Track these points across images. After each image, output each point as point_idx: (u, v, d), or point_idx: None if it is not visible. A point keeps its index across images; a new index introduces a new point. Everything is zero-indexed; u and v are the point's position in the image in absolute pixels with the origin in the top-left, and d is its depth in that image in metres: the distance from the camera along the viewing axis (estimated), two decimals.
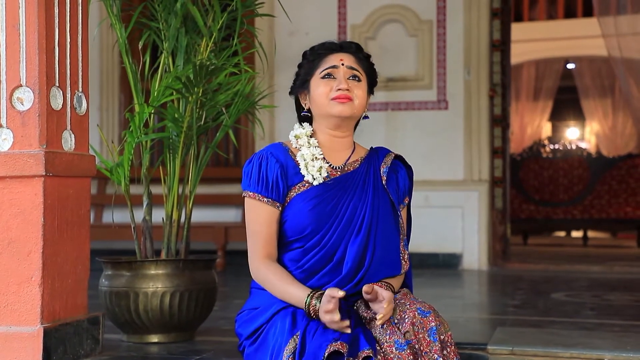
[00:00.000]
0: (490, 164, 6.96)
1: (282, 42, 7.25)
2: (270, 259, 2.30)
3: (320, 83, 2.32)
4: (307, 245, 2.29)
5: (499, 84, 7.03)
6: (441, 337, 2.16)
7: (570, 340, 3.26)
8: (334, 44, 2.38)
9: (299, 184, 2.31)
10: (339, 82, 2.30)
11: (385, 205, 2.34)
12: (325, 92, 2.31)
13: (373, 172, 2.38)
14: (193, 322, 3.26)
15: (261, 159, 2.32)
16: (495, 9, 7.03)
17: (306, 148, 2.33)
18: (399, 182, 2.42)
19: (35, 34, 2.69)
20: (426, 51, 7.02)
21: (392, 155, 2.44)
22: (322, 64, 2.33)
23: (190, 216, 3.40)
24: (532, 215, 10.74)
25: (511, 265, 7.12)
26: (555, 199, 10.78)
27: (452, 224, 6.90)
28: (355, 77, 2.33)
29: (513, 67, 14.72)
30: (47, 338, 2.63)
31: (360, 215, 2.29)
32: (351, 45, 2.39)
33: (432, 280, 6.04)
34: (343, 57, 2.34)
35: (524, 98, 15.03)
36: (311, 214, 2.27)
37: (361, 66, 2.36)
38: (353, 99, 2.30)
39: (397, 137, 7.02)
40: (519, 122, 15.08)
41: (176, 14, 3.34)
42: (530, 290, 5.43)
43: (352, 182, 2.34)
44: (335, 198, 2.30)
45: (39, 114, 2.68)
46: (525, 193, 10.86)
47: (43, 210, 2.66)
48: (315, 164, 2.31)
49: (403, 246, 2.36)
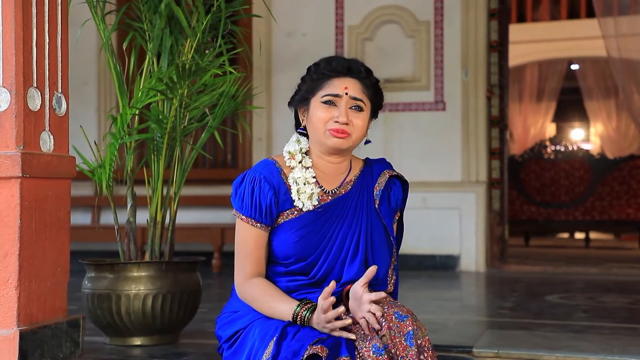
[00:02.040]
0: (487, 166, 6.92)
1: (280, 42, 7.25)
2: (257, 277, 2.25)
3: (320, 107, 2.21)
4: (292, 269, 2.26)
5: (497, 85, 6.99)
6: (418, 342, 2.12)
7: (557, 343, 3.23)
8: (342, 65, 2.23)
9: (288, 211, 2.24)
10: (340, 114, 2.18)
11: (378, 229, 2.28)
12: (324, 119, 2.20)
13: (366, 194, 2.29)
14: (176, 324, 3.24)
15: (254, 182, 2.23)
16: (492, 9, 6.99)
17: (299, 170, 2.25)
18: (391, 199, 2.33)
19: (12, 35, 2.66)
20: (423, 52, 6.99)
21: (386, 175, 2.34)
22: (325, 87, 2.21)
23: (174, 218, 3.38)
24: (533, 216, 10.70)
25: (509, 267, 7.08)
26: (557, 200, 10.73)
27: (449, 225, 6.86)
28: (357, 107, 2.21)
29: (516, 68, 14.70)
30: (23, 341, 2.60)
31: (352, 243, 2.23)
32: (360, 70, 2.24)
33: (429, 282, 6.01)
34: (349, 85, 2.20)
35: (527, 99, 14.97)
36: (296, 246, 2.22)
37: (367, 93, 2.23)
38: (351, 133, 2.20)
39: (394, 138, 6.99)
40: (522, 123, 15.02)
41: (160, 15, 3.32)
42: (525, 292, 5.39)
43: (342, 207, 2.26)
44: (324, 227, 2.23)
45: (16, 115, 2.65)
46: (526, 194, 10.81)
47: (20, 212, 2.64)
48: (306, 190, 2.23)
49: (392, 270, 2.32)
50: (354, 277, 2.21)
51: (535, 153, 11.11)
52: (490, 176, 6.99)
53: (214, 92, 3.35)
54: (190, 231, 6.67)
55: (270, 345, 2.10)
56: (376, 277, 2.24)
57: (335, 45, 7.15)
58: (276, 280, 2.28)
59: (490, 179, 6.99)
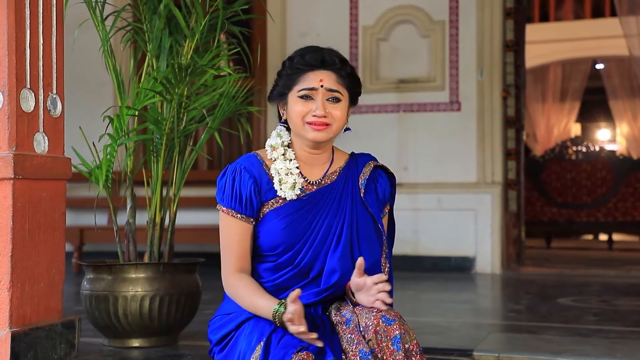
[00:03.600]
0: (503, 166, 6.84)
1: (294, 43, 7.21)
2: (241, 273, 2.23)
3: (298, 102, 2.20)
4: (280, 261, 2.23)
5: (513, 84, 6.91)
6: (406, 346, 2.08)
7: (560, 347, 3.18)
8: (315, 58, 2.22)
9: (272, 200, 2.23)
10: (317, 106, 2.18)
11: (364, 218, 2.26)
12: (302, 113, 2.19)
13: (351, 184, 2.28)
14: (174, 326, 3.23)
15: (234, 173, 2.24)
16: (508, 8, 6.91)
17: (280, 162, 2.24)
18: (378, 191, 2.32)
19: (4, 36, 2.66)
20: (438, 52, 6.93)
21: (371, 165, 2.33)
22: (300, 81, 2.20)
23: (174, 219, 3.37)
24: (554, 218, 10.57)
25: (525, 269, 7.00)
26: (578, 201, 10.59)
27: (464, 227, 6.79)
28: (334, 99, 2.20)
29: (539, 68, 14.56)
30: (15, 342, 2.60)
31: (336, 231, 2.22)
32: (334, 61, 2.23)
33: (442, 284, 5.95)
34: (324, 77, 2.19)
35: (550, 99, 14.82)
36: (284, 233, 2.20)
37: (343, 83, 2.22)
38: (331, 124, 2.19)
39: (408, 139, 6.93)
40: (545, 123, 14.88)
41: (160, 16, 3.31)
42: (538, 294, 5.32)
43: (328, 196, 2.26)
44: (310, 214, 2.22)
45: (8, 116, 2.65)
46: (547, 196, 10.68)
47: (12, 214, 2.64)
48: (289, 180, 2.22)
49: (385, 258, 2.29)
50: (335, 266, 2.19)
51: (557, 154, 10.97)
52: (506, 177, 6.91)
53: (214, 92, 3.34)
54: (193, 232, 6.64)
55: (257, 350, 2.08)
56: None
57: (350, 45, 7.11)
58: (264, 278, 2.25)
59: (506, 180, 6.90)
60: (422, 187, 6.90)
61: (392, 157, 6.91)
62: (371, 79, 7.05)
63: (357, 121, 7.09)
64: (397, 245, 7.54)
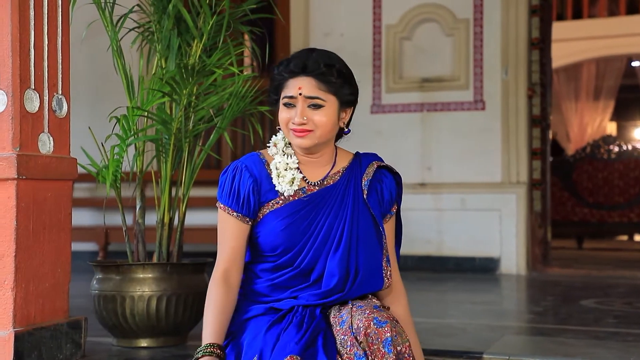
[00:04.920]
0: (528, 166, 6.74)
1: (317, 42, 7.19)
2: (224, 279, 2.19)
3: (283, 109, 2.19)
4: (280, 262, 2.21)
5: (538, 83, 6.81)
6: (398, 348, 2.04)
7: (573, 350, 3.12)
8: (297, 64, 2.18)
9: (273, 201, 2.21)
10: (296, 114, 2.16)
11: (366, 221, 2.23)
12: (285, 120, 2.19)
13: (354, 185, 2.25)
14: (182, 326, 3.22)
15: (235, 171, 2.22)
16: (534, 6, 6.82)
17: (279, 157, 2.23)
18: (384, 192, 2.28)
19: (8, 37, 2.68)
20: (462, 50, 6.85)
21: (374, 165, 2.29)
22: (284, 88, 2.19)
23: (183, 219, 3.37)
24: (585, 218, 10.41)
25: (551, 269, 6.89)
26: (610, 201, 10.42)
27: (489, 227, 6.71)
28: (315, 105, 2.16)
29: (572, 66, 14.38)
30: (19, 342, 2.62)
31: (337, 233, 2.19)
32: (317, 66, 2.16)
33: (463, 285, 5.88)
34: (302, 85, 2.16)
35: (583, 97, 14.62)
36: (283, 234, 2.18)
37: (327, 89, 2.16)
38: (312, 130, 2.17)
39: (432, 138, 6.87)
40: (579, 122, 14.69)
41: (169, 16, 3.31)
42: (561, 296, 5.23)
43: (329, 197, 2.23)
44: (310, 216, 2.20)
45: (12, 117, 2.67)
46: (578, 196, 10.53)
47: (16, 214, 2.65)
48: (287, 174, 2.21)
49: (385, 262, 2.26)
50: (334, 269, 2.17)
51: (588, 153, 10.80)
52: (531, 177, 6.81)
53: (224, 92, 3.33)
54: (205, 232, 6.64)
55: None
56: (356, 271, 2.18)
57: (373, 44, 7.07)
58: (262, 278, 2.23)
59: (531, 180, 6.80)
60: (446, 187, 6.83)
61: (416, 157, 6.86)
62: (394, 78, 7.00)
63: (380, 121, 7.08)
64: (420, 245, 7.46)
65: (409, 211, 6.83)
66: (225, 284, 2.17)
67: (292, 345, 2.04)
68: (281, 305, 2.20)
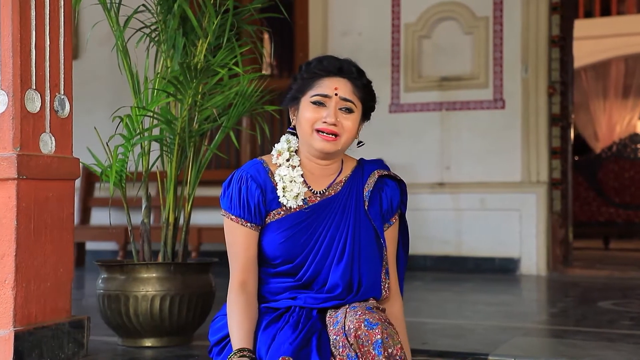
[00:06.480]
0: (549, 165, 6.66)
1: (335, 42, 7.18)
2: (242, 288, 2.17)
3: (309, 107, 2.14)
4: (279, 270, 2.21)
5: (559, 81, 6.71)
6: (388, 351, 2.02)
7: (581, 352, 3.06)
8: (333, 64, 2.17)
9: (275, 211, 2.19)
10: (328, 114, 2.12)
11: (368, 232, 2.21)
12: (312, 120, 2.13)
13: (355, 196, 2.22)
14: (186, 326, 3.22)
15: (241, 181, 2.20)
16: (554, 3, 6.72)
17: (285, 168, 2.19)
18: (383, 202, 2.25)
19: (9, 37, 2.69)
20: (482, 49, 6.79)
21: (375, 175, 2.25)
22: (315, 86, 2.15)
23: (188, 219, 3.36)
24: (611, 218, 10.25)
25: (572, 270, 6.79)
26: (638, 201, 10.25)
27: (509, 227, 6.64)
28: (347, 109, 2.14)
29: (600, 64, 14.18)
30: (19, 341, 2.63)
31: (339, 245, 2.17)
32: (352, 70, 2.17)
33: (483, 285, 5.82)
34: (339, 85, 2.14)
35: (612, 96, 14.40)
36: (283, 246, 2.17)
37: (357, 95, 2.16)
38: (340, 134, 2.13)
39: (451, 137, 6.82)
40: (607, 121, 14.46)
41: (174, 15, 3.31)
42: (579, 297, 5.16)
43: (331, 208, 2.20)
44: (312, 227, 2.18)
45: (13, 117, 2.68)
46: (604, 195, 10.37)
47: (16, 213, 2.67)
48: (293, 188, 2.18)
49: (384, 274, 2.23)
50: (338, 280, 2.15)
51: (614, 152, 10.64)
52: (551, 176, 6.72)
53: (229, 91, 3.32)
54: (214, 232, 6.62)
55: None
56: (359, 282, 2.17)
57: (392, 43, 7.03)
58: (267, 282, 2.23)
59: (551, 179, 6.71)
60: (465, 187, 6.77)
61: (435, 156, 6.81)
62: (413, 77, 6.95)
63: (398, 120, 7.04)
64: (439, 245, 7.41)
65: (427, 211, 6.80)
66: (244, 293, 2.15)
67: (287, 346, 2.04)
68: (278, 305, 2.20)
